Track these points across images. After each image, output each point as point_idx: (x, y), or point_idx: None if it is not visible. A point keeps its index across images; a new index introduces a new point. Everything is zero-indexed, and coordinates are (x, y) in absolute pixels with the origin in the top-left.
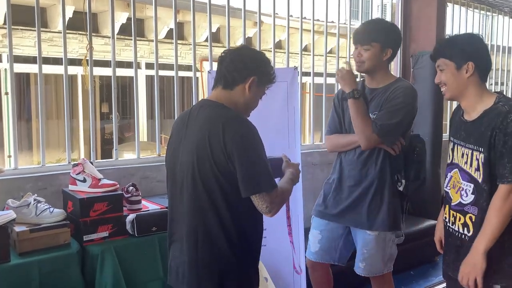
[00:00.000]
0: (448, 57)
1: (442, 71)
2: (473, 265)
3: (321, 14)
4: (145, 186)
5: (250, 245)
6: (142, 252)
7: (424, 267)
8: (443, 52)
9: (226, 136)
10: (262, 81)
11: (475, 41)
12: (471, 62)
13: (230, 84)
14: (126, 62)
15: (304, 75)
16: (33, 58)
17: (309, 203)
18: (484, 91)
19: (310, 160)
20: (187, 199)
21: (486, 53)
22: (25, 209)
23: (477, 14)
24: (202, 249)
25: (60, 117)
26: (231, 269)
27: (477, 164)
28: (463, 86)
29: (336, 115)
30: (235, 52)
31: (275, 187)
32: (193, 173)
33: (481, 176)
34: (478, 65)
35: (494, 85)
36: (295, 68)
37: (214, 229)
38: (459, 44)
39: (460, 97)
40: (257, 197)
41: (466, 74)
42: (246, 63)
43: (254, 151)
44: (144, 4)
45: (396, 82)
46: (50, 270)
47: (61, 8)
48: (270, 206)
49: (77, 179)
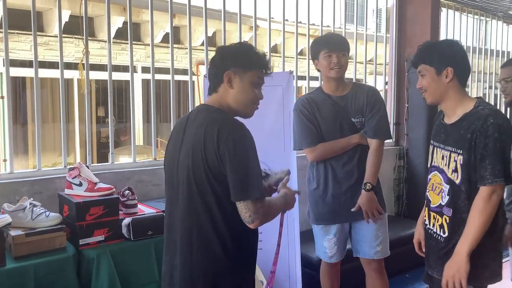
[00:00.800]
0: (428, 62)
1: (423, 77)
2: (457, 268)
3: (317, 18)
4: (141, 190)
5: (244, 248)
6: (138, 256)
7: (420, 270)
8: (423, 58)
9: (220, 140)
10: (241, 69)
11: (454, 46)
12: (450, 67)
13: (213, 88)
14: (122, 66)
15: (300, 79)
16: (29, 62)
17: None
18: (464, 95)
19: (306, 163)
20: (182, 202)
21: (465, 58)
22: (21, 213)
23: (471, 18)
24: (197, 253)
25: (56, 121)
26: (226, 272)
27: (454, 166)
28: (443, 90)
29: (312, 125)
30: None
31: (262, 198)
32: (188, 176)
33: (459, 177)
34: (457, 70)
35: (488, 88)
36: (290, 72)
37: (208, 232)
38: (439, 49)
39: (441, 101)
40: (241, 204)
41: (446, 79)
42: (217, 63)
43: (245, 156)
44: (140, 9)
45: (358, 86)
46: (46, 274)
47: (57, 12)
48: (253, 216)
49: (73, 183)
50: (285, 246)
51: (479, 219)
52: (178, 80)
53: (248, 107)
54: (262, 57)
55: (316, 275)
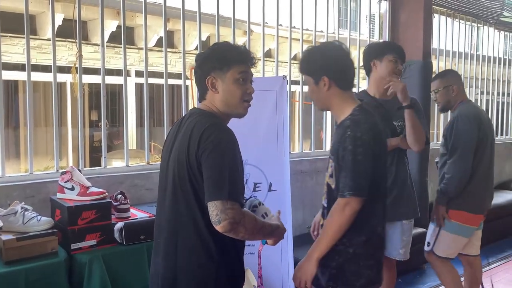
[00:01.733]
0: (306, 72)
1: (308, 86)
2: (304, 270)
3: (310, 23)
4: (134, 194)
5: (229, 252)
6: (130, 260)
7: (412, 275)
8: (302, 68)
9: (201, 142)
10: (220, 70)
11: (327, 51)
12: (325, 76)
13: (202, 96)
14: (116, 69)
15: (293, 83)
16: (21, 65)
17: (297, 211)
18: (345, 101)
19: (299, 168)
20: (168, 205)
21: (340, 62)
22: (12, 217)
23: (463, 25)
24: (181, 256)
25: (48, 125)
26: (210, 276)
27: (331, 171)
28: (326, 99)
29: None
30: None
31: (233, 200)
32: (174, 179)
33: (334, 183)
34: (333, 77)
35: (480, 94)
36: (284, 77)
37: (192, 235)
38: (312, 58)
39: (328, 109)
40: (210, 204)
41: (324, 88)
42: (197, 71)
43: (221, 158)
44: (134, 12)
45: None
46: (37, 279)
47: (51, 15)
48: (219, 216)
49: (65, 187)
50: (277, 251)
51: (330, 229)
52: (171, 84)
53: (238, 107)
54: (239, 51)
55: None
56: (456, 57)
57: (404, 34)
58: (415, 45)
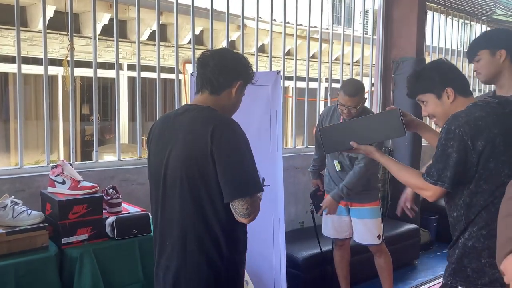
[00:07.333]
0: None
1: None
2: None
3: (304, 19)
4: (126, 189)
5: (237, 249)
6: (122, 255)
7: (403, 271)
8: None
9: (214, 139)
10: (246, 83)
11: (439, 65)
12: (448, 87)
13: (216, 89)
14: (108, 63)
15: (287, 79)
16: (12, 58)
17: (290, 206)
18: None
19: (292, 163)
20: (175, 204)
21: (456, 71)
22: (2, 211)
23: (456, 22)
24: (191, 254)
25: (39, 118)
26: (219, 273)
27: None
28: (452, 110)
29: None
30: (217, 56)
31: (258, 190)
32: (181, 177)
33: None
34: (455, 86)
35: (472, 91)
36: (277, 72)
37: (202, 234)
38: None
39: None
40: (239, 201)
41: (449, 100)
42: (232, 68)
43: (240, 154)
44: (127, 5)
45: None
46: (27, 274)
47: (42, 7)
48: (250, 209)
49: (56, 181)
50: (270, 246)
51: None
52: (164, 78)
53: (232, 114)
54: (254, 74)
55: (301, 275)
56: (449, 54)
57: (397, 30)
58: (408, 42)
